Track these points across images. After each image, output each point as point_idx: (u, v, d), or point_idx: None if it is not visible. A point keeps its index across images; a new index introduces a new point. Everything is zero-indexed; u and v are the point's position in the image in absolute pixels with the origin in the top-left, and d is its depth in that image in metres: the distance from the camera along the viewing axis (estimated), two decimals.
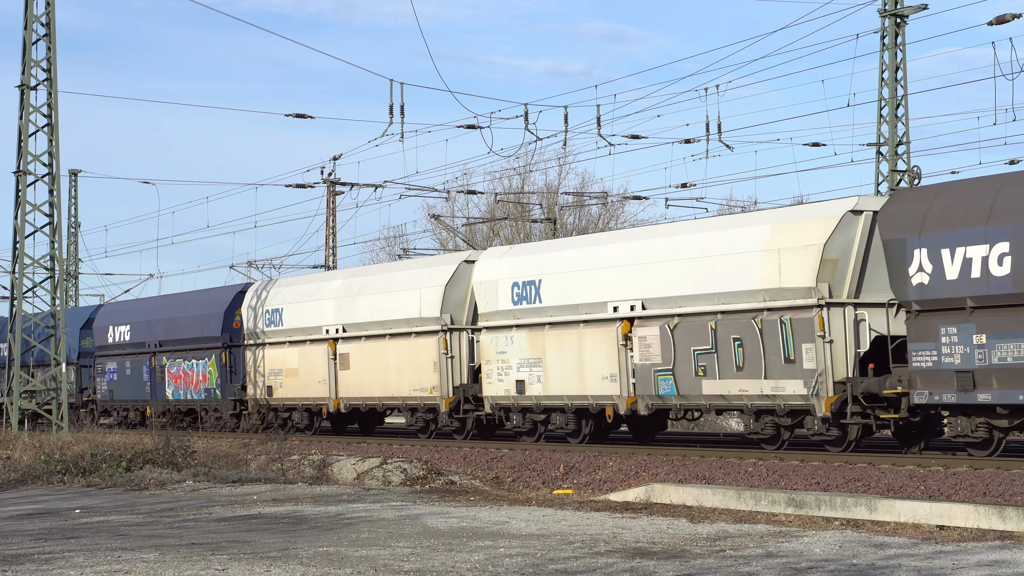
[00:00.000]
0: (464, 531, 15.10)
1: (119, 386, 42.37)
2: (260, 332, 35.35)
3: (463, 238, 54.36)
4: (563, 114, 35.28)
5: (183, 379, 39.11)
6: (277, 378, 34.56)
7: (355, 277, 33.05)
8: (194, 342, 38.64)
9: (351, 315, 32.06)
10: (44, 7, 31.84)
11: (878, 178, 35.26)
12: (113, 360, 42.87)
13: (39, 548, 14.29)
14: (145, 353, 40.98)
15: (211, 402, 37.51)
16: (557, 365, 26.60)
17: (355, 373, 31.85)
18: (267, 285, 36.30)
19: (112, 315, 43.87)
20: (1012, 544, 13.10)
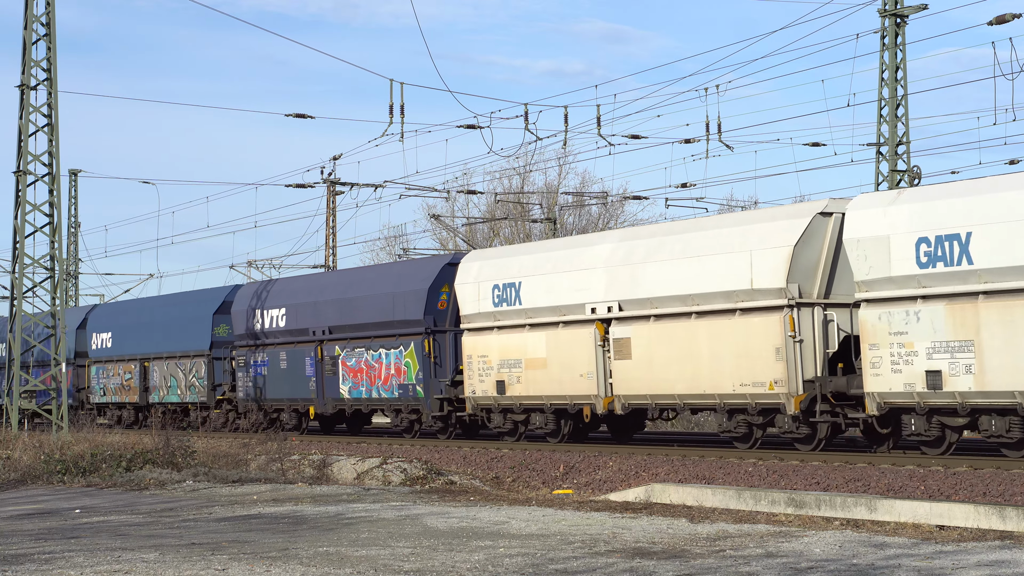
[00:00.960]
0: (464, 531, 15.10)
1: (270, 382, 35.63)
2: (484, 313, 28.40)
3: (463, 238, 54.37)
4: (563, 114, 35.30)
5: (364, 373, 32.19)
6: (512, 371, 27.57)
7: (637, 240, 26.09)
8: (381, 327, 31.60)
9: (632, 288, 25.36)
10: (44, 7, 31.84)
11: (878, 178, 35.26)
12: (261, 351, 36.04)
13: (39, 548, 14.29)
14: (308, 341, 34.12)
15: (407, 401, 30.76)
16: None
17: (640, 364, 24.97)
18: (495, 254, 29.68)
19: (260, 296, 36.96)
20: (1012, 544, 13.10)
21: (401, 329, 31.03)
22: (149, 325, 42.61)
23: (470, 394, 28.65)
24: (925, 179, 25.27)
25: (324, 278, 36.80)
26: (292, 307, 35.03)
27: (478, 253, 30.25)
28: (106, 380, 44.55)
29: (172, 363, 40.73)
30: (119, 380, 43.74)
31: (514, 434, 28.21)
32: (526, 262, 28.02)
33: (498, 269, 28.50)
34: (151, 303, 45.00)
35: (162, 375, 41.09)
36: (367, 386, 32.22)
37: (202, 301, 40.54)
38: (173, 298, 43.70)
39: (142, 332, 42.85)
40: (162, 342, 41.46)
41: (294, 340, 34.81)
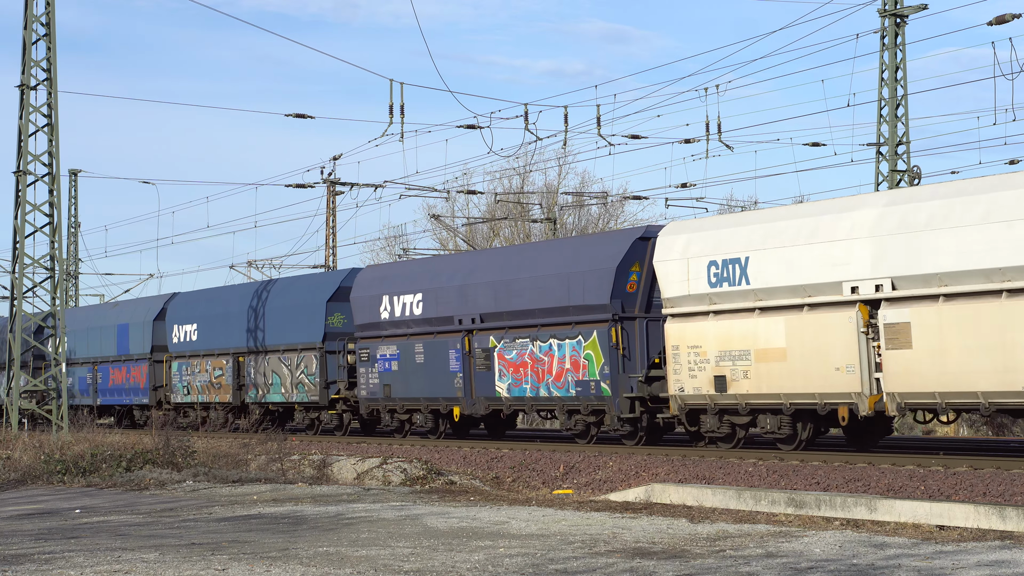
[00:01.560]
0: (464, 531, 15.10)
1: (401, 378, 30.72)
2: (695, 295, 24.09)
3: (463, 238, 54.36)
4: (563, 114, 35.30)
5: (529, 368, 27.56)
6: (736, 364, 23.41)
7: (914, 203, 21.55)
8: (553, 314, 27.11)
9: (909, 262, 21.20)
10: (44, 7, 31.84)
11: (878, 178, 35.27)
12: (390, 342, 31.13)
13: (39, 548, 14.29)
14: (452, 331, 29.39)
15: (586, 401, 26.32)
16: None
17: (924, 354, 20.87)
18: (711, 225, 25.02)
19: (387, 280, 32.01)
20: (1012, 544, 13.10)
21: (580, 316, 26.47)
22: (244, 315, 37.45)
23: (676, 392, 24.25)
24: (925, 179, 25.31)
25: (472, 258, 31.73)
26: (431, 292, 30.08)
27: (682, 224, 25.58)
28: (190, 377, 39.64)
29: (275, 358, 35.73)
30: (206, 377, 38.90)
31: (731, 439, 24.22)
32: (755, 233, 23.48)
33: (716, 242, 24.02)
34: (246, 290, 39.04)
35: (261, 371, 36.32)
36: (532, 383, 27.45)
37: (313, 287, 35.53)
38: (275, 284, 38.15)
39: (235, 323, 37.77)
40: (261, 334, 36.75)
41: (433, 330, 29.93)
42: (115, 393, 43.61)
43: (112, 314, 45.22)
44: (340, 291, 33.90)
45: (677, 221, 26.39)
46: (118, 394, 43.54)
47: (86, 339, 45.58)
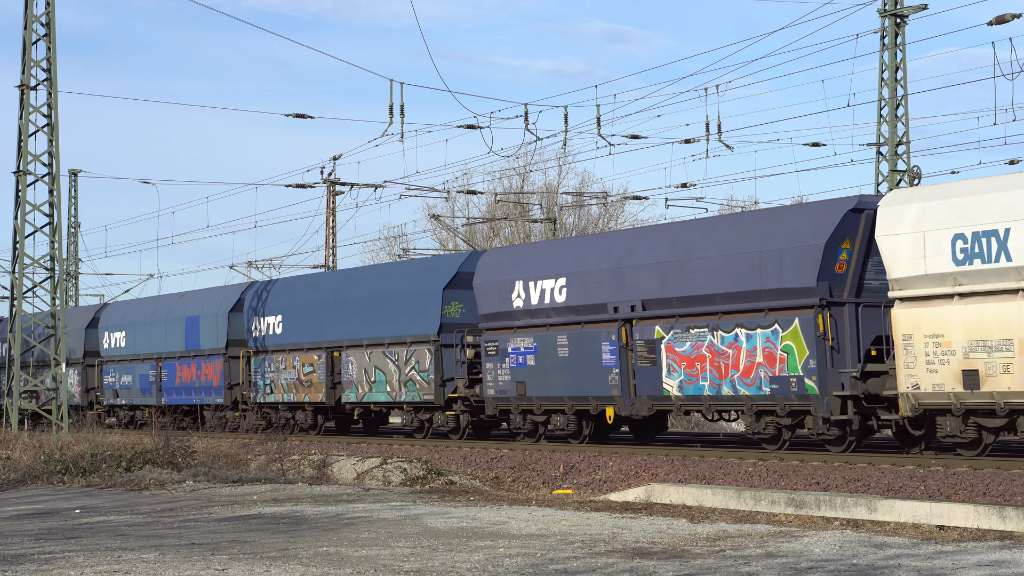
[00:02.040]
0: (464, 531, 15.10)
1: (539, 374, 27.04)
2: (934, 275, 20.49)
3: (463, 238, 54.37)
4: (563, 114, 35.31)
5: (708, 361, 23.96)
6: (993, 357, 19.72)
7: None
8: (740, 299, 23.59)
9: None
10: (44, 7, 31.85)
11: (878, 178, 35.28)
12: (524, 334, 27.42)
13: (39, 548, 14.29)
14: (606, 321, 25.80)
15: (784, 400, 22.78)
16: None
17: None
18: (955, 192, 21.06)
19: (519, 264, 28.32)
20: (1012, 544, 13.10)
21: (776, 301, 22.94)
22: (340, 305, 33.83)
23: (909, 389, 20.59)
24: (925, 179, 25.25)
25: (628, 237, 27.49)
26: (577, 275, 26.60)
27: (911, 192, 21.59)
28: (274, 374, 35.93)
29: (378, 352, 32.01)
30: (293, 374, 35.15)
31: (976, 446, 20.84)
32: (1019, 199, 19.76)
33: (962, 211, 20.39)
34: (341, 278, 35.93)
35: (361, 367, 32.56)
36: (712, 379, 23.81)
37: (426, 273, 31.77)
38: (377, 271, 35.57)
39: (328, 314, 34.10)
40: (361, 326, 32.78)
41: (580, 319, 26.27)
42: (183, 392, 40.12)
43: (179, 305, 41.19)
44: (458, 277, 30.37)
45: (902, 189, 22.95)
46: (186, 393, 40.05)
47: (148, 333, 41.95)
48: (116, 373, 43.50)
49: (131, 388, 42.62)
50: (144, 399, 42.03)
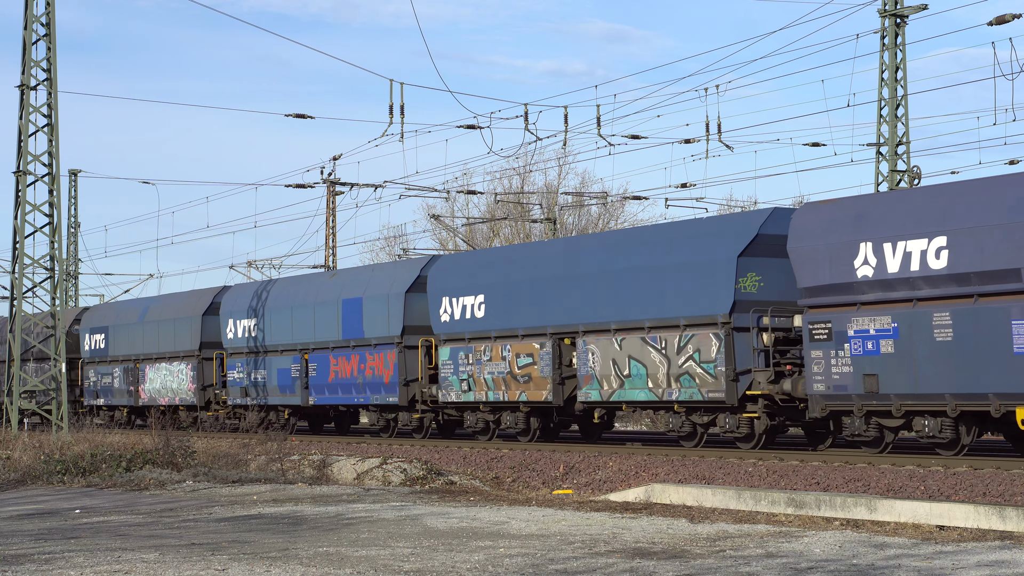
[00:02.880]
0: (464, 531, 15.10)
1: (900, 365, 21.26)
2: None
3: (463, 238, 54.37)
4: (563, 114, 35.31)
5: None
6: None
7: None
8: None
9: None
10: (44, 7, 31.85)
11: (878, 178, 35.27)
12: (877, 312, 21.64)
13: (39, 548, 14.29)
14: (1015, 293, 19.99)
15: None
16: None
17: None
18: None
19: (863, 221, 22.22)
20: (1012, 544, 13.10)
21: None
22: (571, 280, 27.55)
23: None
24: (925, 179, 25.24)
25: None
26: (966, 233, 20.58)
27: None
28: (473, 367, 29.66)
29: (635, 339, 25.72)
30: (502, 367, 28.96)
31: None
32: None
33: None
34: (569, 248, 29.26)
35: (608, 358, 26.31)
36: None
37: (708, 238, 25.43)
38: (628, 237, 28.45)
39: (553, 291, 27.87)
40: (607, 305, 26.58)
41: (972, 291, 20.30)
42: (339, 389, 34.15)
43: (331, 287, 35.00)
44: (758, 241, 24.41)
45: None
46: (344, 390, 33.91)
47: (289, 320, 35.82)
48: (245, 368, 37.47)
49: (266, 385, 36.52)
50: (284, 398, 35.80)
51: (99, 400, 44.85)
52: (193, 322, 40.12)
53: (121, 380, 43.70)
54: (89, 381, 45.51)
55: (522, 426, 28.88)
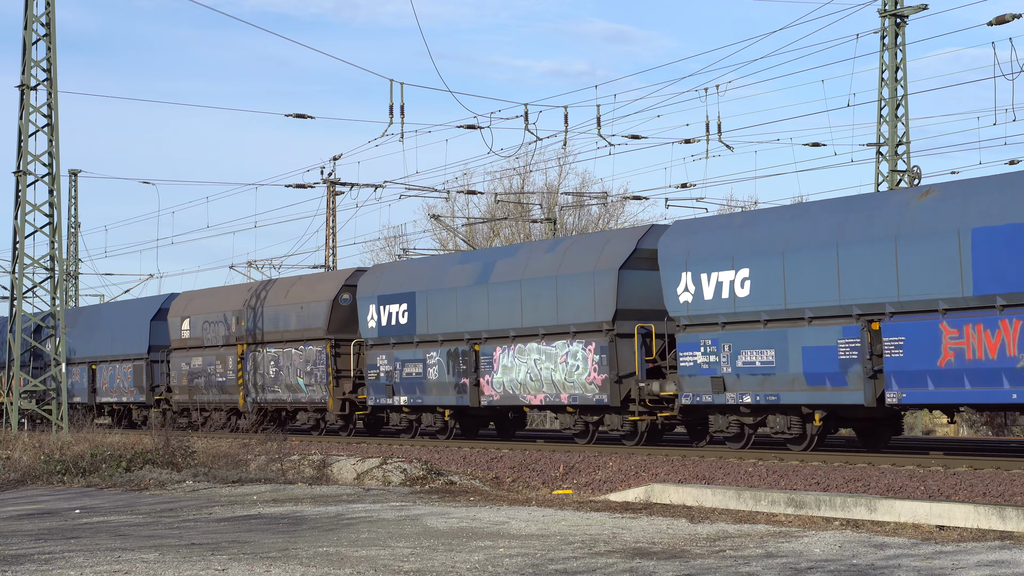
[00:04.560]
0: (464, 531, 15.10)
1: None
2: None
3: (463, 238, 54.36)
4: (563, 114, 35.31)
5: None
6: None
7: None
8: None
9: None
10: (44, 7, 31.85)
11: (878, 178, 35.27)
12: None
13: (39, 548, 14.29)
14: None
15: None
16: None
17: None
18: None
19: None
20: (1012, 544, 13.10)
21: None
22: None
23: None
24: (925, 179, 25.18)
25: None
26: None
27: None
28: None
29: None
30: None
31: None
32: None
33: None
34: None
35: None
36: None
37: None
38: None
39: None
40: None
41: None
42: None
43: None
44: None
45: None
46: None
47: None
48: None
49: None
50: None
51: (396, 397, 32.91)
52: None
53: None
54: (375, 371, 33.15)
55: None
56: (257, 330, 36.96)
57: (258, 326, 36.70)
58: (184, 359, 39.94)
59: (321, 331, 34.26)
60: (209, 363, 38.87)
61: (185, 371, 39.82)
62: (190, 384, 39.57)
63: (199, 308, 39.88)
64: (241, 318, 37.61)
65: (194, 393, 39.68)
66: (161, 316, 42.42)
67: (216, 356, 38.61)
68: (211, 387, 38.87)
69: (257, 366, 36.73)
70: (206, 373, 38.96)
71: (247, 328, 37.35)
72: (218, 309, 38.76)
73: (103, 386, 44.93)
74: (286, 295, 36.08)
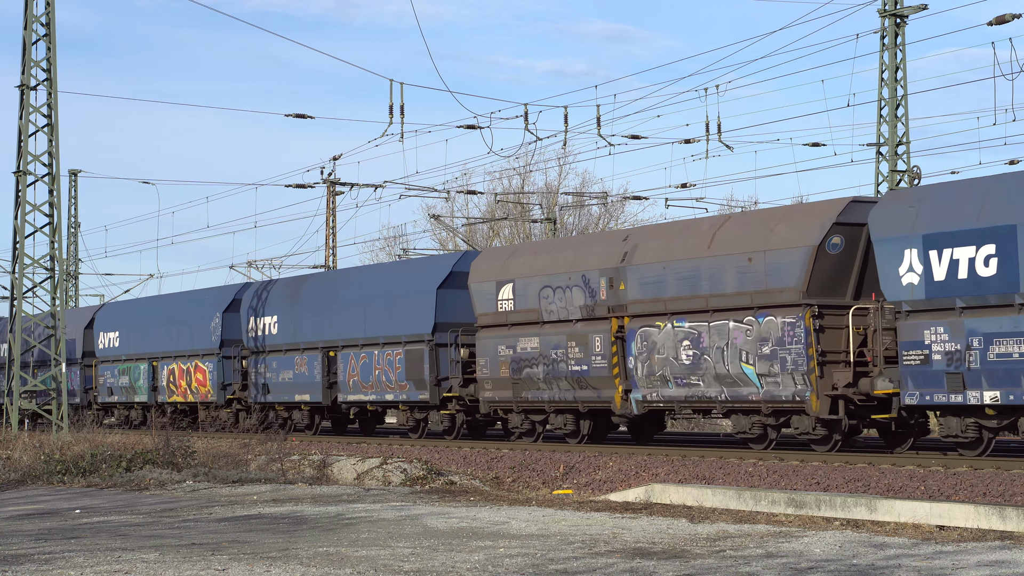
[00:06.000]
0: (464, 531, 15.10)
1: None
2: None
3: (463, 238, 54.37)
4: (563, 114, 35.31)
5: None
6: None
7: None
8: None
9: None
10: (44, 7, 31.85)
11: (878, 178, 35.28)
12: None
13: (39, 548, 14.29)
14: None
15: None
16: None
17: None
18: None
19: None
20: (1012, 544, 13.10)
21: None
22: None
23: None
24: (925, 179, 25.15)
25: None
26: None
27: None
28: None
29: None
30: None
31: None
32: None
33: None
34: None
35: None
36: None
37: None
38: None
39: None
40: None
41: None
42: None
43: None
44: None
45: None
46: None
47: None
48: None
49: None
50: None
51: None
52: None
53: None
54: None
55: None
56: (643, 297, 25.78)
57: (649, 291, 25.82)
58: (502, 340, 28.60)
59: (795, 292, 22.96)
60: (553, 345, 27.55)
61: (505, 357, 28.44)
62: (515, 376, 28.19)
63: (530, 267, 28.46)
64: (618, 279, 26.25)
65: (523, 388, 28.14)
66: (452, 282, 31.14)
67: (569, 335, 27.18)
68: (556, 379, 27.33)
69: (652, 348, 25.23)
70: (546, 360, 27.66)
71: (625, 294, 26.15)
72: (567, 268, 27.53)
73: (350, 380, 33.28)
74: (711, 242, 24.64)
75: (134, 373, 42.55)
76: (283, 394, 35.81)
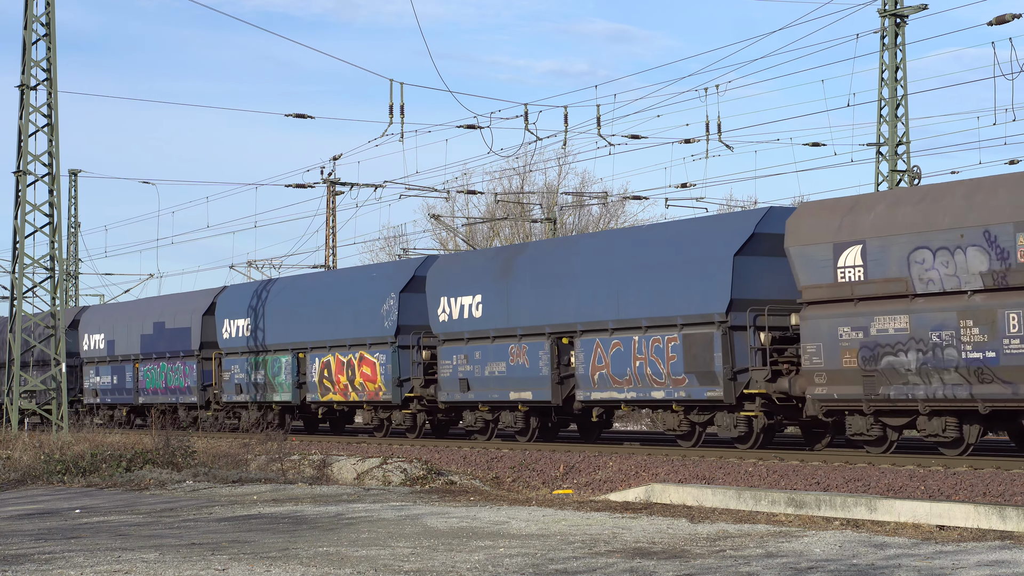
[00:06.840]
0: (464, 531, 15.10)
1: None
2: None
3: (463, 238, 54.37)
4: (563, 114, 35.31)
5: None
6: None
7: None
8: None
9: None
10: (44, 7, 31.85)
11: (878, 178, 35.27)
12: None
13: (39, 548, 14.29)
14: None
15: None
16: None
17: None
18: None
19: None
20: (1012, 544, 13.10)
21: None
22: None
23: None
24: (925, 179, 25.17)
25: None
26: None
27: None
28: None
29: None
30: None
31: None
32: None
33: None
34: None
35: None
36: None
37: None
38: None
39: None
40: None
41: None
42: None
43: None
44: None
45: None
46: None
47: None
48: None
49: None
50: None
51: None
52: None
53: None
54: None
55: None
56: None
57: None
58: (845, 321, 21.85)
59: None
60: (934, 325, 20.65)
61: (850, 343, 21.68)
62: (867, 367, 21.34)
63: (889, 223, 21.40)
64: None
65: (882, 382, 21.28)
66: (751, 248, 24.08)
67: (962, 311, 20.32)
68: (938, 370, 20.58)
69: None
70: (923, 345, 20.80)
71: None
72: (954, 222, 20.56)
73: (594, 373, 26.25)
74: None
75: (272, 367, 35.77)
76: (490, 391, 28.99)
